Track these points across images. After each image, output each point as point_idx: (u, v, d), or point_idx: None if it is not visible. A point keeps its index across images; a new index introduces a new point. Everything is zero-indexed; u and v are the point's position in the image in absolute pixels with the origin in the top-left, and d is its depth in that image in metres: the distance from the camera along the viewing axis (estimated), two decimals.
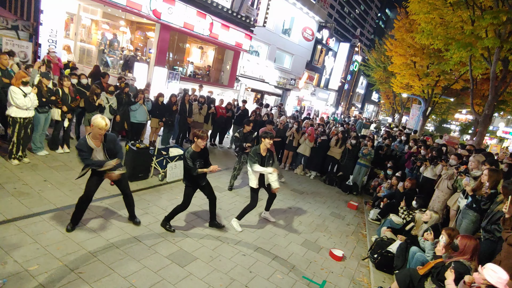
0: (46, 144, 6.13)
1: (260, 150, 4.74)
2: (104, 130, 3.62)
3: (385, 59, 21.98)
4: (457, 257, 3.32)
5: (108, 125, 3.64)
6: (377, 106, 48.59)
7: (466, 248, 3.29)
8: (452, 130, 37.85)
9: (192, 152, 4.12)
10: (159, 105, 7.69)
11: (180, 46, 14.71)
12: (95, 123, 3.56)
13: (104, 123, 3.58)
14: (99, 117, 3.60)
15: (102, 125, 3.57)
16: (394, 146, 9.51)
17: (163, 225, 4.38)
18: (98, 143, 3.70)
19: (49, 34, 8.49)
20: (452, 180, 5.64)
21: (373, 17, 78.64)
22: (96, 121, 3.56)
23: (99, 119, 3.57)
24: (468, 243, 3.31)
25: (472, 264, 3.21)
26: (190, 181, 4.29)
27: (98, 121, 3.56)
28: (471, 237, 3.44)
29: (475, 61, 9.96)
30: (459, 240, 3.34)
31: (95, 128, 3.58)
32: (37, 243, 3.42)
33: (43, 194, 4.49)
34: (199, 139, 4.08)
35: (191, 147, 4.17)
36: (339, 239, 5.44)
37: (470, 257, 3.26)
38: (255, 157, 4.69)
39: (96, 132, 3.60)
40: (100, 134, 3.64)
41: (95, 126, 3.57)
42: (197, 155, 4.15)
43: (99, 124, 3.55)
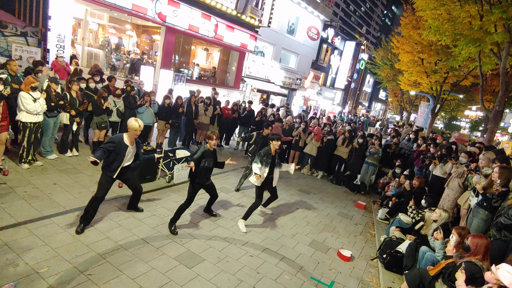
0: (55, 147, 6.24)
1: (271, 151, 4.97)
2: (139, 131, 4.02)
3: (392, 57, 21.75)
4: (469, 257, 3.25)
5: (142, 126, 4.04)
6: (384, 104, 48.09)
7: (478, 248, 3.22)
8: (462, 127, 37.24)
9: (207, 149, 4.39)
10: (165, 107, 7.74)
11: (186, 48, 14.80)
12: (130, 126, 3.97)
13: (137, 124, 3.98)
14: (133, 119, 4.01)
15: (136, 126, 3.97)
16: (403, 144, 9.40)
17: (169, 227, 4.42)
18: (132, 142, 4.10)
19: (57, 40, 8.63)
20: (462, 178, 5.54)
21: (379, 14, 77.88)
22: (131, 124, 3.97)
23: (133, 122, 3.98)
24: (480, 242, 3.24)
25: (485, 264, 3.14)
26: (196, 178, 4.42)
27: (132, 124, 3.97)
28: (482, 236, 3.36)
29: (484, 56, 9.76)
30: (470, 240, 3.27)
31: (130, 131, 4.00)
32: (47, 246, 3.48)
33: (53, 197, 4.56)
34: (209, 139, 4.39)
35: (206, 145, 4.43)
36: (347, 239, 5.39)
37: (482, 257, 3.19)
38: (265, 157, 4.90)
39: (132, 134, 4.02)
40: (136, 135, 4.06)
41: (131, 129, 3.98)
42: (209, 153, 4.41)
43: (133, 126, 3.97)
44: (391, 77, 23.87)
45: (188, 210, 5.09)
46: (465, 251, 3.33)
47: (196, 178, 4.40)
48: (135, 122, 3.97)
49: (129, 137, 4.04)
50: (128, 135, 4.04)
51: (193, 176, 4.41)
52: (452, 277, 3.22)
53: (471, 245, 3.25)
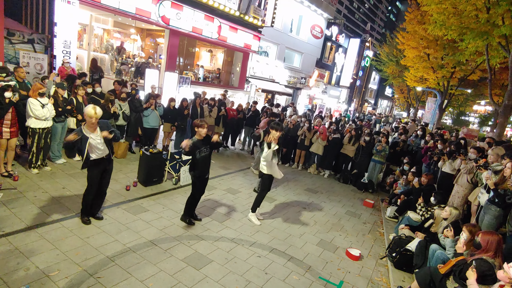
0: (63, 152, 6.32)
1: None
2: (95, 118, 3.81)
3: (397, 53, 21.54)
4: (480, 254, 3.19)
5: (98, 113, 3.82)
6: (391, 101, 47.61)
7: (489, 244, 3.16)
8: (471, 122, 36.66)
9: (196, 140, 4.34)
10: (171, 109, 7.79)
11: (190, 51, 14.87)
12: (86, 113, 3.78)
13: (93, 111, 3.77)
14: (90, 106, 3.80)
15: (92, 113, 3.77)
16: (410, 141, 9.29)
17: (183, 219, 4.66)
18: (92, 130, 3.90)
19: (63, 46, 8.74)
20: (472, 174, 5.45)
21: (383, 10, 77.10)
22: (87, 111, 3.78)
23: (89, 108, 3.77)
24: (491, 239, 3.18)
25: (496, 261, 3.08)
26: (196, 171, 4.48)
27: (88, 111, 3.77)
28: (493, 233, 3.30)
29: (492, 50, 9.59)
30: (481, 237, 3.21)
31: (86, 118, 3.82)
32: (57, 249, 3.52)
33: (62, 201, 4.62)
34: (199, 128, 4.33)
35: (195, 137, 4.38)
36: (355, 238, 5.34)
37: (494, 254, 3.13)
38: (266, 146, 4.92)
39: (88, 121, 3.84)
40: (93, 123, 3.85)
41: (86, 116, 3.80)
42: (200, 143, 4.37)
43: (89, 113, 3.76)
44: (397, 73, 23.63)
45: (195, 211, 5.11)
46: (476, 248, 3.27)
47: (197, 170, 4.45)
48: (92, 109, 3.77)
49: (87, 126, 3.87)
50: (86, 125, 3.87)
51: (194, 169, 4.48)
52: (463, 274, 3.16)
53: (482, 242, 3.19)
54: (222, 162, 8.28)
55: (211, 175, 6.93)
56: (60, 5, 8.47)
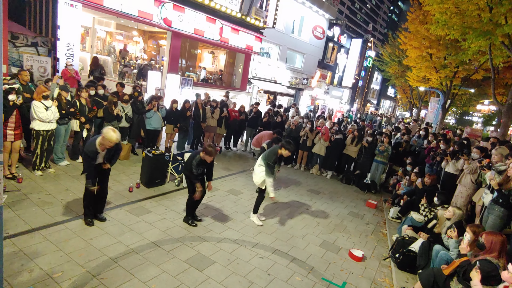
0: (66, 154, 6.36)
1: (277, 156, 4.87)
2: (114, 143, 3.82)
3: (399, 53, 21.47)
4: (484, 255, 3.17)
5: (118, 139, 3.83)
6: (393, 101, 47.44)
7: (493, 245, 3.14)
8: (475, 122, 36.42)
9: (200, 160, 4.39)
10: (173, 111, 7.81)
11: (192, 52, 14.91)
12: (107, 137, 3.73)
13: (115, 137, 3.76)
14: (110, 130, 3.76)
15: (113, 139, 3.76)
16: (413, 141, 9.25)
17: (185, 221, 4.72)
18: (103, 148, 3.92)
19: (66, 48, 8.81)
20: (475, 175, 5.41)
21: (385, 10, 76.95)
22: (108, 135, 3.73)
23: (111, 133, 3.74)
24: (494, 239, 3.16)
25: (501, 262, 3.06)
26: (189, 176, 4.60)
27: (109, 135, 3.73)
28: (497, 233, 3.28)
29: (495, 49, 9.54)
30: (485, 237, 3.19)
31: (105, 141, 3.76)
32: (60, 251, 3.54)
33: (65, 203, 4.64)
34: (206, 155, 4.33)
35: (200, 155, 4.38)
36: (358, 239, 5.32)
37: (498, 254, 3.11)
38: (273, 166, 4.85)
39: (107, 144, 3.81)
40: (110, 147, 3.86)
41: (106, 139, 3.75)
42: (202, 163, 4.45)
43: (111, 138, 3.74)
44: (399, 73, 23.56)
45: (197, 213, 5.12)
46: (479, 249, 3.25)
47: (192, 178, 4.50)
48: (113, 133, 3.73)
49: (100, 144, 3.82)
50: (100, 143, 3.81)
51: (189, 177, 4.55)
52: (467, 275, 3.14)
53: (485, 243, 3.17)
54: (224, 163, 8.29)
55: (214, 176, 6.94)
56: (63, 8, 8.54)
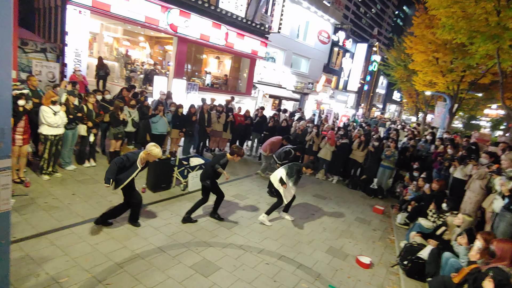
0: (73, 159, 6.41)
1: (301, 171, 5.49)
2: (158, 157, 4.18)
3: (405, 57, 21.30)
4: (495, 263, 3.09)
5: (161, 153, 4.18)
6: (399, 105, 47.13)
7: (504, 253, 3.07)
8: (482, 126, 35.98)
9: (227, 161, 4.86)
10: (179, 116, 7.85)
11: (198, 57, 15.04)
12: (153, 153, 4.08)
13: (160, 153, 4.15)
14: (154, 147, 4.08)
15: (159, 154, 4.15)
16: (420, 146, 9.14)
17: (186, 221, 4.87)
18: (143, 163, 4.21)
19: (74, 54, 8.94)
20: (485, 180, 5.32)
21: (390, 15, 76.89)
22: (154, 152, 4.07)
23: (156, 150, 4.07)
24: (506, 247, 3.09)
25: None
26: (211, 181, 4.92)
27: (155, 152, 4.08)
28: (508, 241, 3.21)
29: (503, 53, 9.41)
30: (496, 245, 3.12)
31: (150, 157, 4.11)
32: (67, 256, 3.55)
33: (72, 207, 4.67)
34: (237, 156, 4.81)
35: (228, 156, 4.81)
36: (365, 245, 5.25)
37: (509, 263, 3.03)
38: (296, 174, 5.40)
39: (151, 159, 4.20)
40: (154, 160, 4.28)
41: (152, 156, 4.10)
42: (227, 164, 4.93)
43: (157, 154, 4.11)
44: (405, 78, 23.36)
45: (203, 218, 5.11)
46: (490, 257, 3.18)
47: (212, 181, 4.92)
48: (157, 149, 4.09)
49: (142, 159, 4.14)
50: (143, 158, 4.13)
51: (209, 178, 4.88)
52: (478, 284, 3.07)
53: (496, 250, 3.11)
54: (230, 168, 8.25)
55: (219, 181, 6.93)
56: (72, 15, 8.69)
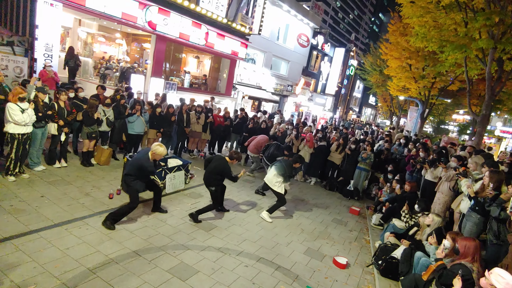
0: (43, 159, 6.08)
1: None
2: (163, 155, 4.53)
3: (380, 63, 22.08)
4: (459, 260, 3.26)
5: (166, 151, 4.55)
6: (374, 109, 48.76)
7: (466, 249, 3.24)
8: (451, 130, 37.92)
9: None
10: (156, 116, 7.66)
11: (177, 56, 14.76)
12: (157, 152, 4.39)
13: (165, 151, 4.45)
14: (158, 146, 4.38)
15: (164, 153, 4.47)
16: (394, 149, 9.49)
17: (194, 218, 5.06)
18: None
19: (44, 49, 8.49)
20: (452, 182, 5.60)
21: (367, 21, 79.55)
22: (158, 151, 4.38)
23: (160, 148, 4.38)
24: (468, 244, 3.26)
25: (474, 266, 3.15)
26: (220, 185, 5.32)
27: (160, 151, 4.39)
28: (470, 238, 3.39)
29: (470, 62, 10.00)
30: (459, 243, 3.30)
31: (157, 156, 4.43)
32: (34, 262, 3.35)
33: (40, 210, 4.42)
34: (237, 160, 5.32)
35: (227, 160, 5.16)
36: (342, 246, 5.36)
37: (472, 259, 3.21)
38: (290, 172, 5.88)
39: (158, 158, 4.50)
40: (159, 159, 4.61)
41: (157, 154, 4.42)
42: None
43: (162, 153, 4.42)
44: (380, 82, 24.20)
45: (180, 221, 5.02)
46: (455, 254, 3.34)
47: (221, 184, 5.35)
48: (162, 149, 4.40)
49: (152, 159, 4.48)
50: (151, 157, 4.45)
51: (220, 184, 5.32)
52: (443, 279, 3.22)
53: (459, 248, 3.28)
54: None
55: (198, 182, 6.85)
56: (43, 7, 8.26)
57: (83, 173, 6.08)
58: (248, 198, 6.68)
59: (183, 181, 6.41)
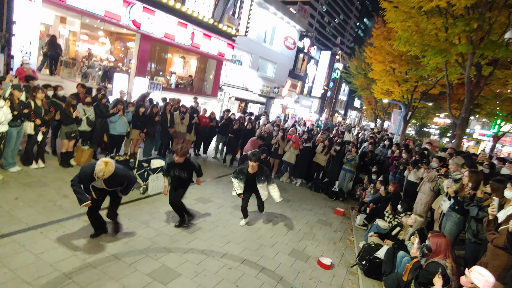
0: (18, 159, 5.81)
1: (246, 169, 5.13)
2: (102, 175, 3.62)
3: (365, 66, 22.52)
4: (432, 258, 3.30)
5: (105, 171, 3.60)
6: (359, 112, 49.61)
7: (438, 247, 3.28)
8: (432, 133, 39.02)
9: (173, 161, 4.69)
10: (140, 116, 7.49)
11: (162, 56, 14.55)
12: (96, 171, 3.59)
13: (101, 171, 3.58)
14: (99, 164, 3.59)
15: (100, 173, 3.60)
16: (378, 150, 9.63)
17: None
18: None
19: (22, 46, 8.17)
20: (434, 183, 5.71)
21: (352, 26, 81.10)
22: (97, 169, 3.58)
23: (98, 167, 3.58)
24: (439, 241, 3.29)
25: (448, 262, 3.19)
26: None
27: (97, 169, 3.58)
28: (441, 235, 3.43)
29: (450, 66, 10.31)
30: (431, 240, 3.33)
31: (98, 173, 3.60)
32: (5, 267, 3.17)
33: (13, 213, 4.21)
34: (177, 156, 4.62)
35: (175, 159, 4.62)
36: (327, 246, 5.37)
37: (444, 255, 3.24)
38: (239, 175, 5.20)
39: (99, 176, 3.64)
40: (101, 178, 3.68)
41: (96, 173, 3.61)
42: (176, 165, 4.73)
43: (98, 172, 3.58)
44: (365, 85, 24.68)
45: (163, 223, 4.90)
46: (428, 252, 3.37)
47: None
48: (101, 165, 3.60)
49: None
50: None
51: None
52: (420, 279, 3.24)
53: (431, 245, 3.30)
54: None
55: None
56: (20, 2, 7.95)
57: (62, 174, 5.86)
58: (233, 199, 6.61)
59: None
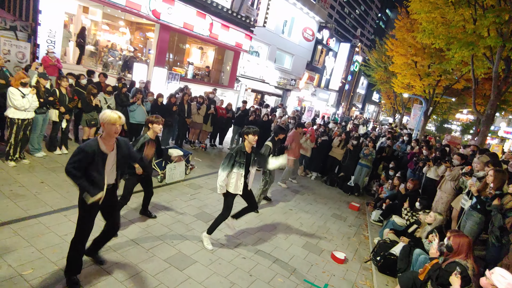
0: (43, 145, 6.07)
1: (245, 148, 4.06)
2: (119, 124, 2.80)
3: (385, 59, 21.88)
4: (453, 258, 3.23)
5: (122, 118, 2.84)
6: (377, 106, 48.48)
7: (460, 247, 3.20)
8: (453, 130, 37.73)
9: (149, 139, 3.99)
10: (158, 105, 7.62)
11: (180, 47, 14.65)
12: (106, 119, 2.73)
13: (116, 115, 2.78)
14: (107, 111, 2.82)
15: (115, 118, 2.76)
16: (396, 146, 9.43)
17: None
18: (111, 147, 2.88)
19: (47, 35, 8.43)
20: (457, 181, 5.55)
21: (374, 17, 78.58)
22: (105, 116, 2.75)
23: (108, 112, 2.78)
24: (461, 241, 3.21)
25: (469, 263, 3.12)
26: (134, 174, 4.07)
27: (107, 115, 2.74)
28: (463, 235, 3.34)
29: (477, 60, 9.86)
30: (452, 240, 3.25)
31: (107, 125, 2.75)
32: (32, 247, 3.35)
33: (39, 196, 4.41)
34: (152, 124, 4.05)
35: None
36: (340, 241, 5.35)
37: (465, 256, 3.17)
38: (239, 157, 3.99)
39: (110, 129, 2.76)
40: (116, 132, 2.80)
41: (106, 122, 2.74)
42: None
43: (111, 118, 2.73)
44: (384, 79, 24.03)
45: (179, 211, 5.01)
46: (448, 252, 3.30)
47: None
48: (112, 113, 2.79)
49: (104, 139, 2.81)
50: (103, 137, 2.82)
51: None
52: (440, 281, 3.18)
53: (453, 245, 3.23)
54: (209, 161, 8.17)
55: (199, 173, 6.84)
56: None
57: None
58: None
59: (184, 172, 6.39)
